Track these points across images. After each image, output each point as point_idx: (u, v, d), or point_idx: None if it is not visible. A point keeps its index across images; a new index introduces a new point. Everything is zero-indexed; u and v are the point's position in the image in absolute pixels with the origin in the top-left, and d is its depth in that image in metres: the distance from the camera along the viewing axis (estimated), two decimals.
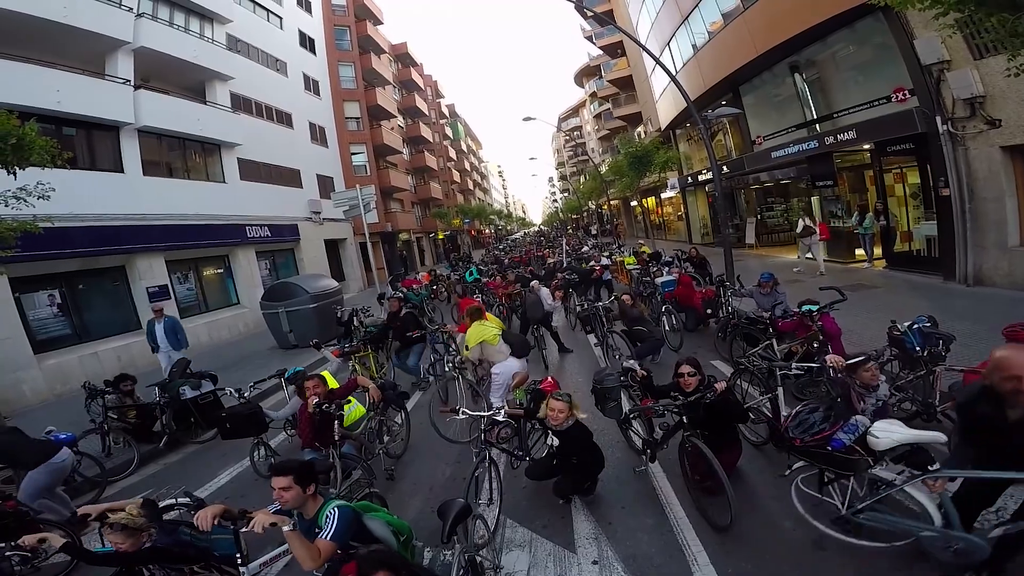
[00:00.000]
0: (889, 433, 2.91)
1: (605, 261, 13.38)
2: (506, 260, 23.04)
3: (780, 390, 4.10)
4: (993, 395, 2.30)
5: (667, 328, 7.94)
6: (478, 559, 2.94)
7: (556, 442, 3.70)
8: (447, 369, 5.67)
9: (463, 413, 3.74)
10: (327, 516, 2.45)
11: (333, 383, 5.26)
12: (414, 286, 13.91)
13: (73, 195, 10.45)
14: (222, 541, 2.71)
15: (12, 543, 3.02)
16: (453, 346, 7.46)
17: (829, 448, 3.03)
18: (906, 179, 11.04)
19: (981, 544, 2.37)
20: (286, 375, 6.14)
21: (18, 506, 3.93)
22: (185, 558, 2.61)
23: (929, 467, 2.70)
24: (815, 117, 13.04)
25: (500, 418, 3.88)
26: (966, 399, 2.58)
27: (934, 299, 8.21)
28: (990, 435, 2.36)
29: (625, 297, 7.33)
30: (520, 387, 4.86)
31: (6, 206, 6.82)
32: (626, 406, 4.62)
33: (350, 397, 4.86)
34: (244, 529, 2.50)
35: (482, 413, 3.83)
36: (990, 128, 7.86)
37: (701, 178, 21.24)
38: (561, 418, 3.64)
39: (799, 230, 12.35)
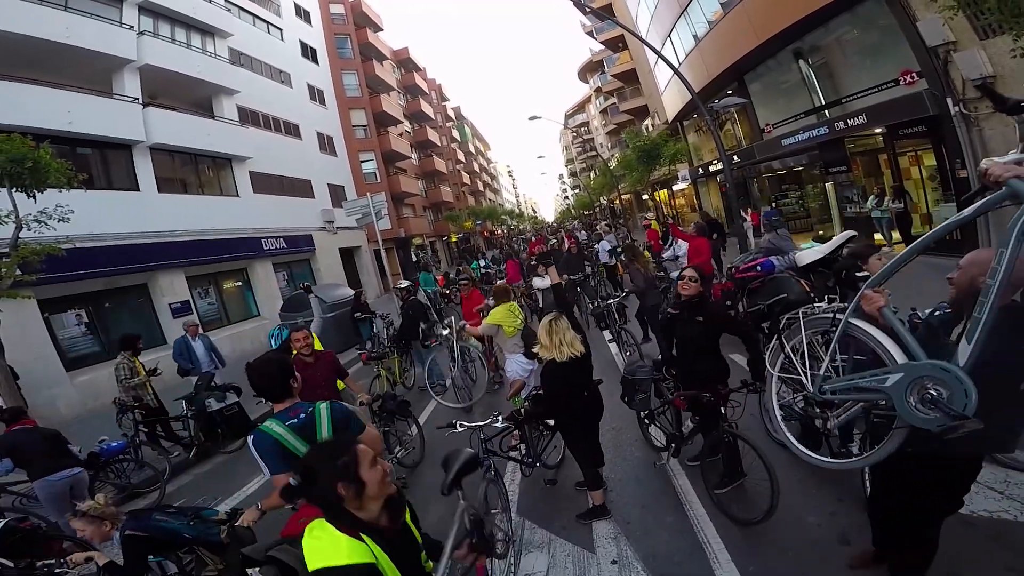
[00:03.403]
0: (811, 248, 2.85)
1: (606, 244, 12.74)
2: (523, 252, 23.21)
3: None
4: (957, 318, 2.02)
5: None
6: (487, 522, 2.65)
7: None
8: (444, 333, 5.49)
9: (460, 426, 3.65)
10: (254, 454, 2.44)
11: (317, 344, 5.32)
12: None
13: (92, 216, 10.74)
14: (188, 526, 2.92)
15: (60, 560, 3.19)
16: (469, 355, 7.43)
17: (759, 269, 2.96)
18: (922, 161, 10.87)
19: (954, 371, 1.74)
20: (273, 344, 6.27)
21: (32, 524, 4.12)
22: (161, 543, 2.80)
23: (857, 274, 2.38)
24: (823, 103, 12.89)
25: (499, 424, 3.81)
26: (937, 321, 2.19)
27: None
28: None
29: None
30: (517, 394, 4.83)
31: (28, 230, 7.04)
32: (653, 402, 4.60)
33: None
34: (237, 523, 2.70)
35: (480, 423, 3.79)
36: None
37: (712, 168, 21.04)
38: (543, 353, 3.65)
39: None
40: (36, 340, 10.11)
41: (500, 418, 3.82)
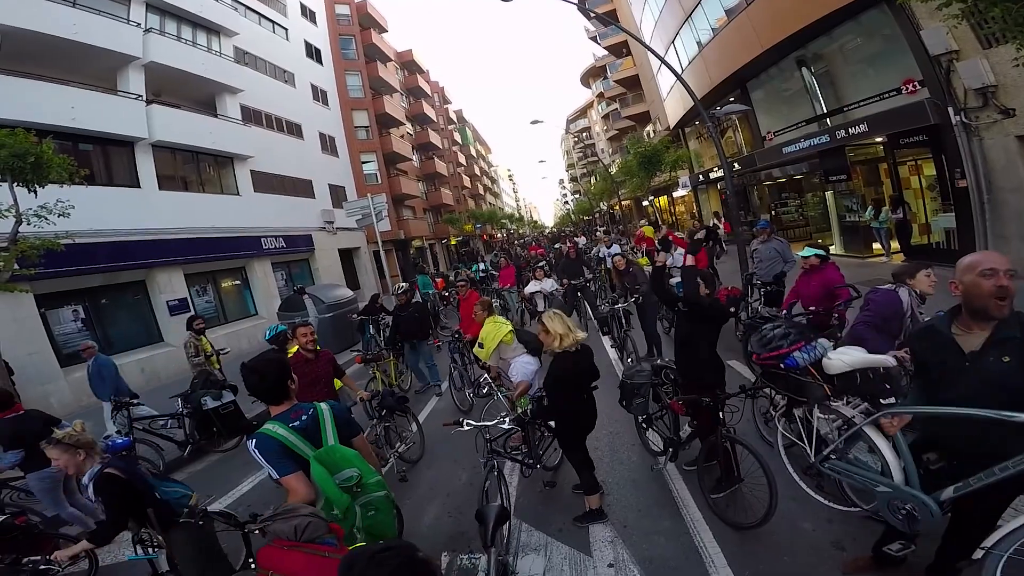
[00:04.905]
0: (841, 355, 2.87)
1: (616, 249, 12.62)
2: (524, 254, 23.40)
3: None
4: (952, 317, 2.16)
5: None
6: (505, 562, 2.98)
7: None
8: (483, 392, 5.47)
9: (467, 424, 3.65)
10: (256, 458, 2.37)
11: None
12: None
13: (92, 211, 10.73)
14: (171, 491, 2.97)
15: (46, 557, 3.17)
16: (468, 358, 7.38)
17: (782, 367, 3.03)
18: (922, 171, 10.89)
19: (932, 506, 2.18)
20: (267, 336, 6.41)
21: (28, 521, 4.08)
22: (132, 490, 2.77)
23: (882, 400, 2.65)
24: (825, 111, 12.92)
25: (506, 425, 3.80)
26: (921, 329, 2.33)
27: None
28: (942, 371, 2.13)
29: (618, 259, 8.21)
30: (524, 395, 4.81)
31: (28, 224, 7.04)
32: (651, 406, 4.58)
33: None
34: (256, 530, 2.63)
35: (486, 423, 3.76)
36: (1004, 118, 7.75)
37: (712, 175, 21.08)
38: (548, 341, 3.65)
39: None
40: (32, 335, 10.07)
41: (507, 419, 3.82)
